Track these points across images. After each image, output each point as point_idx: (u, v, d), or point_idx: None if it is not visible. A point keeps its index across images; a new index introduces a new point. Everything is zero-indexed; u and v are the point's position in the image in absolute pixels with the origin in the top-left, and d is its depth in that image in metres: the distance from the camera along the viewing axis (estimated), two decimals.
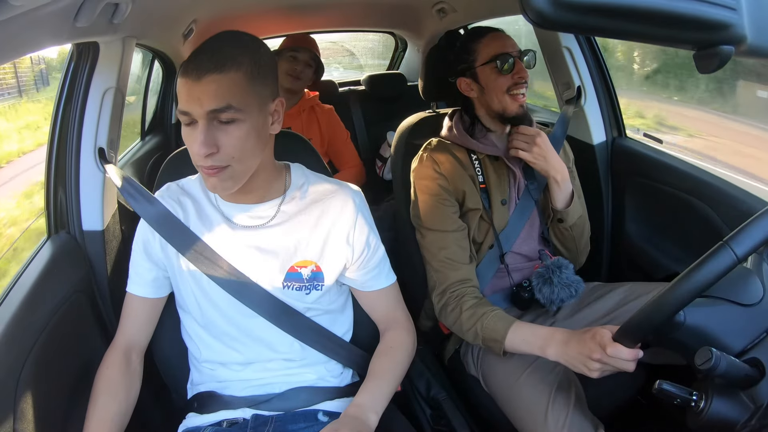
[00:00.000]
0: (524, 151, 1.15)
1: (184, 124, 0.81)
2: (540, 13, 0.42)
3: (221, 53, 0.78)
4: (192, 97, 0.78)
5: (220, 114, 0.78)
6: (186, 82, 0.78)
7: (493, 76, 1.16)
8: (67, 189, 1.11)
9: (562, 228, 1.22)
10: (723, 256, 0.66)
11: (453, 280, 1.15)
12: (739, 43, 0.47)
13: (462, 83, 1.21)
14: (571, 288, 1.13)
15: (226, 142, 0.79)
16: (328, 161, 2.05)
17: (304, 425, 0.89)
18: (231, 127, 0.79)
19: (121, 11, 0.98)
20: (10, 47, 0.71)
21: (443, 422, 1.12)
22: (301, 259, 0.91)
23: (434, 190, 1.18)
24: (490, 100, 1.18)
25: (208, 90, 0.77)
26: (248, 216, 0.91)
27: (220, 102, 0.77)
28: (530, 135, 1.15)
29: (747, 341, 0.72)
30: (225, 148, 0.80)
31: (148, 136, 2.09)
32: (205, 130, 0.78)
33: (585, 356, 0.86)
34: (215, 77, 0.77)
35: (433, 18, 2.22)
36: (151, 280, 0.95)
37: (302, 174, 0.97)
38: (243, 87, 0.79)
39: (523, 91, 1.16)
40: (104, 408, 0.87)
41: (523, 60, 1.16)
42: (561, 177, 1.17)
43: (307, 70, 1.94)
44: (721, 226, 1.19)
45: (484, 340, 1.05)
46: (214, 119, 0.78)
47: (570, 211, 1.19)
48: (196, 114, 0.78)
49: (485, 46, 1.17)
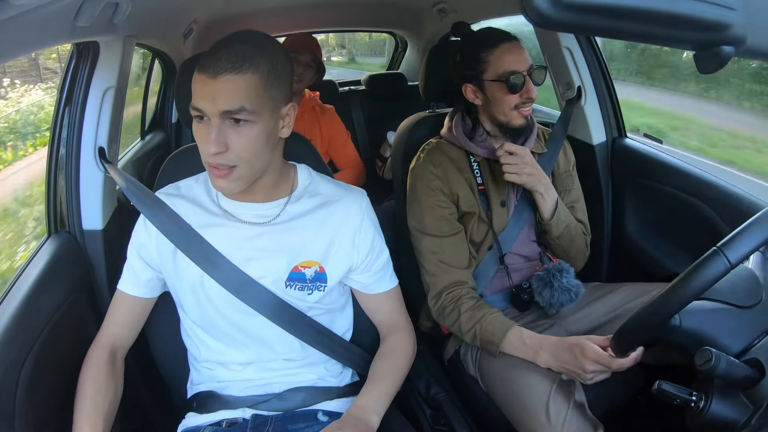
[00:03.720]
0: (515, 175, 1.12)
1: (194, 117, 0.81)
2: (540, 13, 0.42)
3: (240, 53, 0.77)
4: (206, 94, 0.77)
5: (233, 115, 0.78)
6: (201, 78, 0.78)
7: (501, 93, 1.13)
8: (67, 188, 1.11)
9: (548, 239, 1.22)
10: (715, 263, 0.66)
11: (447, 282, 1.15)
12: (739, 44, 0.47)
13: (468, 90, 1.19)
14: (570, 292, 1.13)
15: (236, 143, 0.79)
16: (329, 161, 2.05)
17: (303, 425, 0.89)
18: (242, 127, 0.79)
19: (121, 11, 0.98)
20: (10, 47, 0.71)
21: (443, 422, 1.12)
22: (305, 260, 0.91)
23: (430, 191, 1.18)
24: (495, 113, 1.16)
25: (224, 89, 0.77)
26: (253, 214, 0.91)
27: (234, 103, 0.77)
28: (519, 155, 1.12)
29: (746, 342, 0.72)
30: (235, 149, 0.79)
31: (149, 136, 2.09)
32: (217, 129, 0.78)
33: (576, 368, 0.94)
34: (232, 77, 0.77)
35: (433, 18, 2.22)
36: (146, 280, 0.94)
37: (308, 175, 0.97)
38: (258, 89, 0.79)
39: (530, 105, 1.15)
40: (93, 402, 0.84)
41: (532, 77, 1.12)
42: (545, 188, 1.16)
43: (308, 72, 1.94)
44: (722, 226, 1.19)
45: (482, 342, 1.08)
46: (227, 118, 0.78)
47: (554, 223, 1.18)
48: (208, 111, 0.78)
49: (496, 59, 1.12)
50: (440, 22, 2.25)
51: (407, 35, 2.82)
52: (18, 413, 0.79)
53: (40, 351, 0.87)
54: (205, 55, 0.79)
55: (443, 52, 1.42)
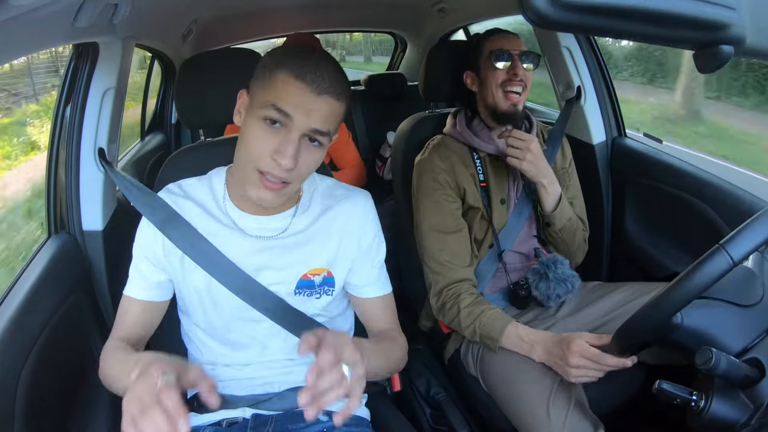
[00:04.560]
0: (517, 159, 1.15)
1: (265, 118, 0.76)
2: (540, 13, 0.42)
3: (341, 80, 0.77)
4: (303, 107, 0.75)
5: (317, 135, 0.77)
6: (300, 87, 0.74)
7: (490, 70, 1.19)
8: (67, 189, 1.11)
9: (551, 231, 1.23)
10: (718, 260, 0.66)
11: (450, 280, 1.16)
12: (739, 43, 0.47)
13: (468, 77, 1.26)
14: (567, 283, 1.14)
15: (304, 162, 0.78)
16: (329, 161, 2.05)
17: (303, 425, 0.89)
18: (315, 149, 0.78)
19: (121, 11, 0.98)
20: (10, 47, 0.71)
21: (443, 422, 1.12)
22: (314, 268, 0.90)
23: (437, 185, 1.19)
24: (486, 94, 1.21)
25: (322, 109, 0.75)
26: (260, 227, 0.89)
27: (325, 125, 0.76)
28: (524, 141, 1.15)
29: (746, 342, 0.72)
30: (301, 167, 0.78)
31: (148, 136, 2.09)
32: (298, 144, 0.76)
33: (563, 362, 0.95)
34: (332, 101, 0.76)
35: (433, 18, 2.22)
36: (156, 282, 0.89)
37: (312, 181, 0.95)
38: (340, 115, 0.79)
39: (516, 90, 1.17)
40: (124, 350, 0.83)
41: (521, 60, 1.17)
42: (548, 181, 1.18)
43: None
44: (722, 226, 1.19)
45: (481, 338, 1.09)
46: (307, 136, 0.77)
47: (557, 214, 1.19)
48: (297, 123, 0.75)
49: (491, 43, 1.21)
50: (440, 22, 2.25)
51: (407, 35, 2.82)
52: (18, 413, 0.79)
53: (40, 351, 0.87)
54: (299, 63, 0.75)
55: (443, 52, 1.43)
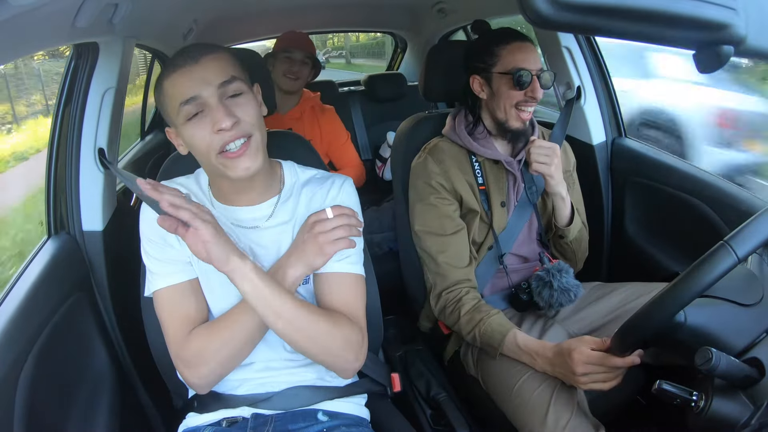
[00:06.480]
0: (545, 165, 1.13)
1: (187, 118, 0.79)
2: (539, 13, 0.42)
3: (209, 45, 0.82)
4: (195, 79, 0.78)
5: (229, 86, 0.79)
6: (182, 70, 0.79)
7: (507, 87, 1.13)
8: (67, 189, 1.11)
9: (563, 243, 1.23)
10: (723, 256, 0.66)
11: (450, 282, 1.16)
12: (739, 43, 0.47)
13: (475, 81, 1.19)
14: (570, 293, 1.13)
15: (242, 112, 0.80)
16: (329, 161, 2.05)
17: (303, 424, 0.89)
18: (241, 98, 0.81)
19: (121, 11, 0.98)
20: (10, 47, 0.71)
21: (443, 422, 1.12)
22: None
23: (432, 189, 1.18)
24: (497, 108, 1.17)
25: (210, 67, 0.79)
26: (246, 218, 0.91)
27: (225, 75, 0.79)
28: (549, 148, 1.13)
29: (747, 341, 0.72)
30: (244, 117, 0.80)
31: (148, 136, 2.09)
32: (221, 105, 0.78)
33: (569, 372, 0.94)
34: (212, 57, 0.80)
35: (433, 18, 2.22)
36: (178, 261, 0.86)
37: (294, 172, 0.96)
38: (235, 64, 0.82)
39: (530, 109, 1.15)
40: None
41: (540, 79, 1.12)
42: (565, 192, 1.18)
43: (304, 69, 1.94)
44: (722, 226, 1.19)
45: (482, 345, 1.10)
46: (224, 95, 0.79)
47: (572, 228, 1.20)
48: (205, 94, 0.78)
49: (509, 53, 1.13)
50: (440, 22, 2.25)
51: (407, 35, 2.82)
52: (18, 413, 0.79)
53: (40, 351, 0.87)
54: (172, 59, 0.81)
55: (443, 52, 1.42)
